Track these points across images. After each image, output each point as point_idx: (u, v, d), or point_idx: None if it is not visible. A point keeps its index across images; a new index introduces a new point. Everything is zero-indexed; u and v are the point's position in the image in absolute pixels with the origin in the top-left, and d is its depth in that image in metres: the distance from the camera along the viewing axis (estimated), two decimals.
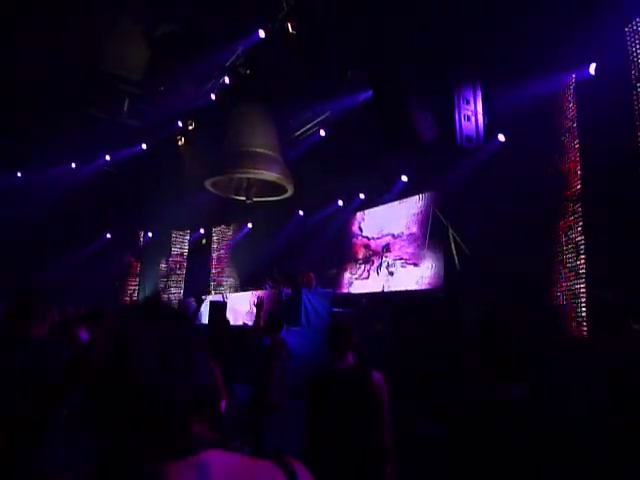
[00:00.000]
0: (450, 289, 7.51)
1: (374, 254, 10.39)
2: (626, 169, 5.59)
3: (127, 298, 13.85)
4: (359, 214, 11.01)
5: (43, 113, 9.99)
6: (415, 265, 9.19)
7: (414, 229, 9.41)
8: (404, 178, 9.47)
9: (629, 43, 5.85)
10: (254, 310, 5.31)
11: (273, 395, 4.27)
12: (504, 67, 6.36)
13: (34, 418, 2.42)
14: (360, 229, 10.98)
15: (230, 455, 0.91)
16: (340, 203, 11.08)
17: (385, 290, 9.62)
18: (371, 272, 10.37)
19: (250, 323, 7.03)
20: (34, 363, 2.63)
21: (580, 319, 6.02)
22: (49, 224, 11.40)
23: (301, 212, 11.79)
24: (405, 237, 9.63)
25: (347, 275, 10.97)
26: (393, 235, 9.95)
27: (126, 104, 10.63)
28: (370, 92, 7.23)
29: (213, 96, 9.72)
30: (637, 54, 5.71)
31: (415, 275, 9.12)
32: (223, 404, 3.35)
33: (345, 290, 10.74)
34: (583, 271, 6.04)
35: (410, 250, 9.41)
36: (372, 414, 2.52)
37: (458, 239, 7.34)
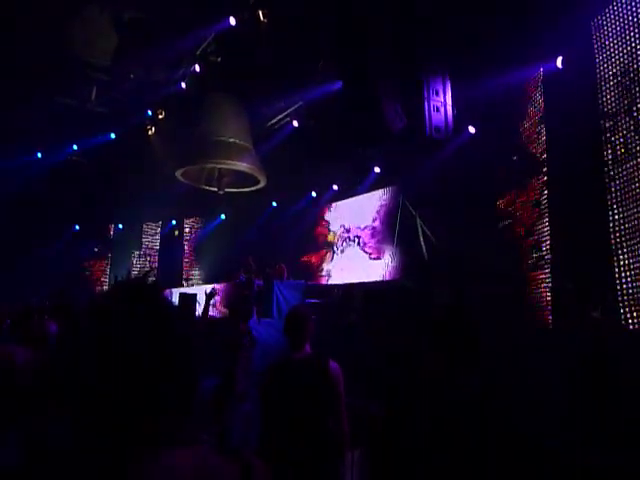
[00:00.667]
0: (419, 279, 7.57)
1: (348, 246, 10.42)
2: (592, 160, 5.70)
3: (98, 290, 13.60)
4: (333, 205, 11.01)
5: (8, 100, 9.64)
6: (377, 258, 9.28)
7: (380, 221, 9.49)
8: (377, 169, 9.49)
9: (594, 37, 5.95)
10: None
11: (238, 386, 4.24)
12: (473, 60, 6.40)
13: None
14: (333, 221, 10.99)
15: (193, 452, 0.91)
16: (314, 194, 11.05)
17: (359, 281, 9.66)
18: (346, 263, 10.41)
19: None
20: None
21: (545, 308, 6.14)
22: (14, 216, 11.06)
23: (274, 203, 11.73)
24: (371, 229, 9.70)
25: (324, 266, 10.97)
26: (360, 228, 10.01)
27: (94, 91, 10.35)
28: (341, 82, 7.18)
29: (183, 84, 9.54)
30: (601, 48, 5.80)
31: (379, 268, 9.21)
32: None
33: (324, 281, 10.74)
34: (548, 261, 6.15)
35: (373, 243, 9.50)
36: (328, 403, 2.51)
37: (426, 229, 7.39)
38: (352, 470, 3.54)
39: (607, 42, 5.79)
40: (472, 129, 7.39)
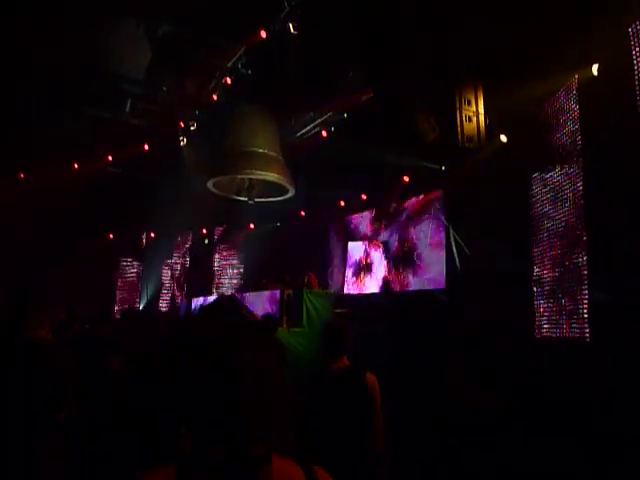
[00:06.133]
0: (451, 290, 7.49)
1: (379, 254, 10.38)
2: (630, 170, 5.55)
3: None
4: (363, 215, 11.00)
5: (46, 114, 9.99)
6: (416, 266, 9.19)
7: (413, 231, 9.42)
8: (406, 179, 9.44)
9: (632, 44, 5.80)
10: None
11: None
12: (506, 68, 6.34)
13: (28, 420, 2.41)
14: (363, 230, 10.97)
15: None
16: (342, 204, 11.07)
17: (387, 291, 9.62)
18: (375, 272, 10.37)
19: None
20: (35, 364, 2.62)
21: (582, 321, 5.97)
22: (51, 225, 11.40)
23: (303, 213, 11.79)
24: (406, 239, 9.64)
25: (351, 275, 10.96)
26: (397, 237, 9.95)
27: (128, 104, 10.64)
28: (371, 92, 7.22)
29: (215, 96, 9.72)
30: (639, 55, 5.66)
31: (417, 277, 9.13)
32: None
33: (350, 291, 10.73)
34: (585, 272, 5.99)
35: (411, 252, 9.42)
36: (365, 416, 2.50)
37: (459, 239, 7.31)
38: None
39: None
40: (504, 138, 7.29)
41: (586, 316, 5.92)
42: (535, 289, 6.58)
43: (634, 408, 4.04)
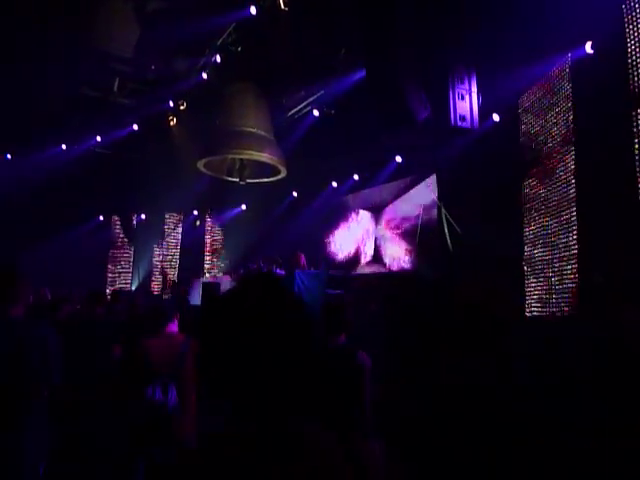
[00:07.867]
0: (442, 270, 7.53)
1: (370, 236, 10.39)
2: (622, 148, 5.56)
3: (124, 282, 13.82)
4: (355, 195, 10.97)
5: (33, 94, 9.78)
6: (407, 247, 9.22)
7: (406, 211, 9.41)
8: (398, 159, 9.40)
9: (626, 20, 5.76)
10: None
11: None
12: (500, 47, 6.27)
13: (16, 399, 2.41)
14: (354, 211, 10.96)
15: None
16: (334, 184, 11.01)
17: (380, 271, 9.65)
18: (367, 253, 10.39)
19: None
20: (16, 344, 2.60)
21: (571, 300, 6.04)
22: (40, 206, 11.24)
23: (295, 193, 11.74)
24: (398, 219, 9.64)
25: (343, 256, 10.99)
26: (386, 217, 9.94)
27: (116, 83, 10.45)
28: (364, 71, 7.12)
29: (205, 75, 9.57)
30: (633, 32, 5.63)
31: (402, 258, 9.18)
32: None
33: (343, 272, 10.75)
34: (575, 252, 6.04)
35: (402, 233, 9.44)
36: (354, 393, 2.58)
37: (451, 219, 7.31)
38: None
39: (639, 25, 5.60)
40: (496, 117, 7.26)
41: (576, 294, 5.99)
42: (526, 268, 6.64)
43: (620, 385, 4.11)
